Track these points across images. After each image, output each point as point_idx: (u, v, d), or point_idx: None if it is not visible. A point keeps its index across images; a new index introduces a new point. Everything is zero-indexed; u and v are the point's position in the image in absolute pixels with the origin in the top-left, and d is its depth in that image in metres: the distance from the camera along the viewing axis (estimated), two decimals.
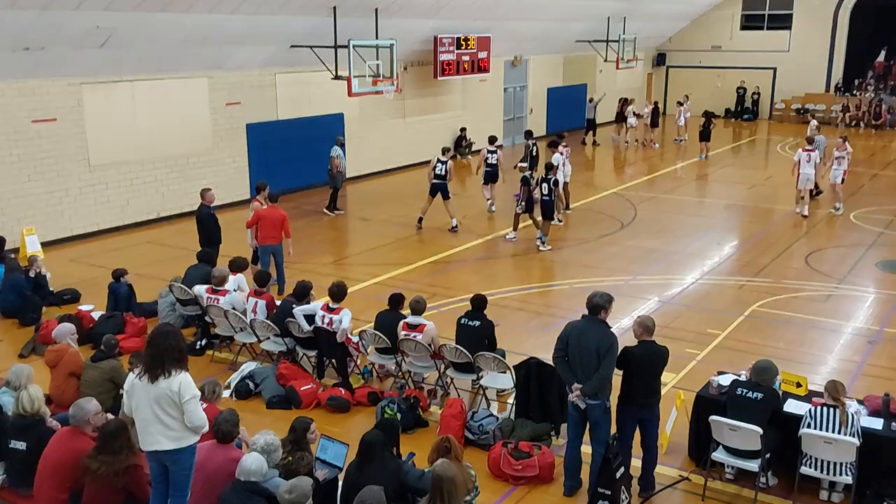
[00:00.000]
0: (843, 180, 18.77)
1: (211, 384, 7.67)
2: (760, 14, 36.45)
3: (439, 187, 16.97)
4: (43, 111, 15.62)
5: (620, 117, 30.56)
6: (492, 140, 19.26)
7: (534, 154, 19.72)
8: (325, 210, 18.85)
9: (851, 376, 10.03)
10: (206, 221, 13.11)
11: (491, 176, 18.76)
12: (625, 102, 30.71)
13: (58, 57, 15.10)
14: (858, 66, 36.00)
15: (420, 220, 17.30)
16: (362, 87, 19.21)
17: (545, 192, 15.76)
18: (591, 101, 30.21)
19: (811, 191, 18.71)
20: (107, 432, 6.29)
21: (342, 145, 19.01)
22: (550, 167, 16.28)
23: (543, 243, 15.74)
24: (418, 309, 9.38)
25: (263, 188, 13.57)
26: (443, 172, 16.89)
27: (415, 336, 9.20)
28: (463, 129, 26.23)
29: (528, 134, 20.34)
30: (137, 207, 17.48)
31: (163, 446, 6.04)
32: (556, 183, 16.02)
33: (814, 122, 23.50)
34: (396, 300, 9.79)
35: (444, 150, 17.51)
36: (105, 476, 6.15)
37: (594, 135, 29.74)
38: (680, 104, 29.92)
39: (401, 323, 9.36)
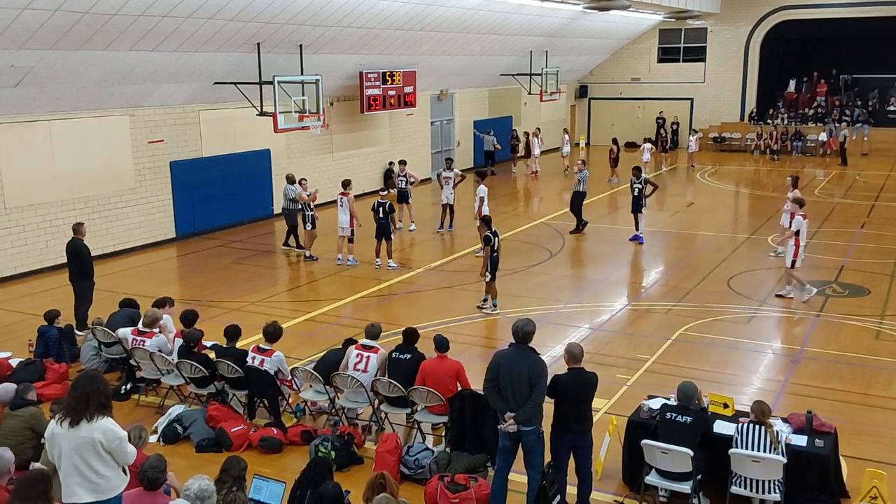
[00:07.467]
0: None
1: (137, 429, 7.42)
2: (676, 47, 37.77)
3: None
4: None
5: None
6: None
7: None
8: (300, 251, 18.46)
9: (776, 395, 10.31)
10: (81, 254, 12.85)
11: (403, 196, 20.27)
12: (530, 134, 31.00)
13: None
14: (770, 95, 37.56)
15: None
16: (288, 122, 19.13)
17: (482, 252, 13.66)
18: (489, 133, 30.65)
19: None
20: (22, 483, 5.99)
21: (290, 182, 18.35)
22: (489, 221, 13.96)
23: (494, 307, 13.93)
24: (373, 333, 9.56)
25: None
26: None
27: (368, 356, 9.27)
28: (391, 163, 26.19)
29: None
30: (58, 250, 16.86)
31: (81, 499, 5.82)
32: (491, 237, 13.49)
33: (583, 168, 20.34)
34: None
35: (300, 180, 18.19)
36: None
37: (492, 165, 30.32)
38: (532, 134, 30.11)
39: (353, 346, 9.47)
